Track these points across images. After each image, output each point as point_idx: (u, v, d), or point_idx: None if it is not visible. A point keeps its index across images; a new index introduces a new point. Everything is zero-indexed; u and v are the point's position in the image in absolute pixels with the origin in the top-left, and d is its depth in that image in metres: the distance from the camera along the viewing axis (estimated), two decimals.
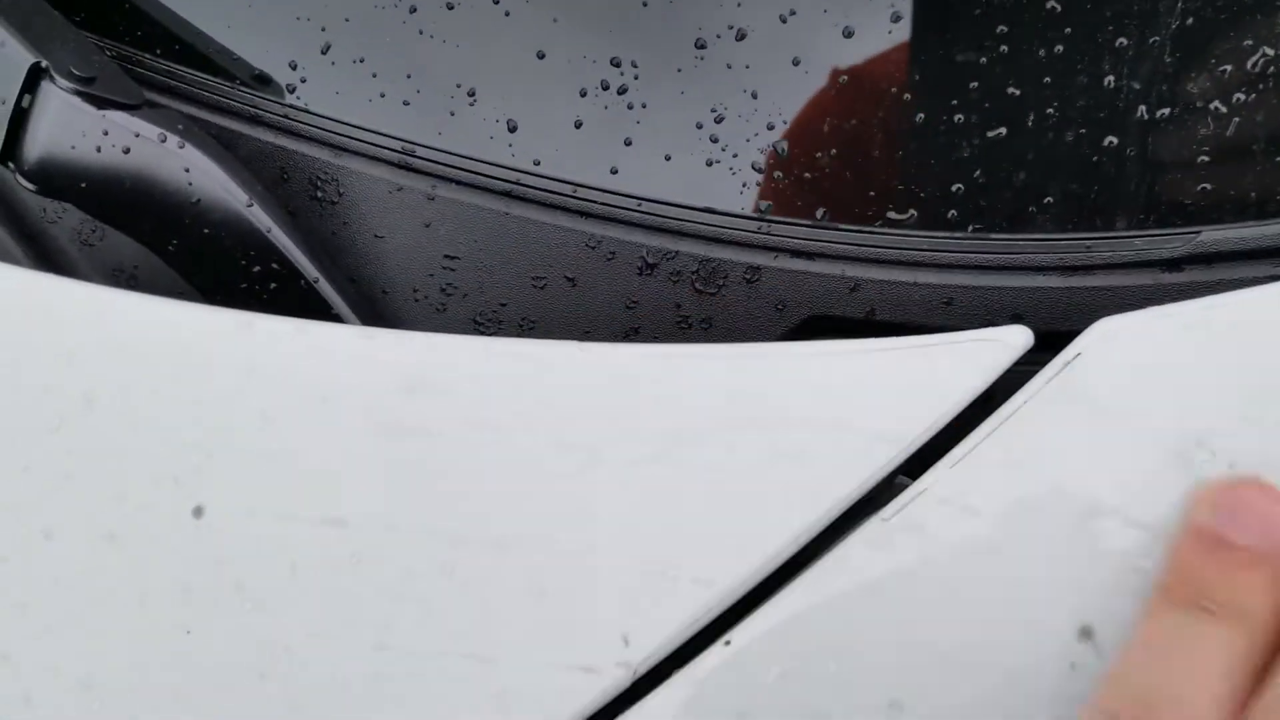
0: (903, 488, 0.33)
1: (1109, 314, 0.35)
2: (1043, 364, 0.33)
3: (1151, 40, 0.38)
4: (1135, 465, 0.32)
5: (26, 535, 0.35)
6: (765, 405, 0.33)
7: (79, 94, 0.40)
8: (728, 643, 0.31)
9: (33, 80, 0.40)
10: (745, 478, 0.32)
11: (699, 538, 0.32)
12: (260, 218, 0.40)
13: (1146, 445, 0.32)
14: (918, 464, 0.33)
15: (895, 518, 0.32)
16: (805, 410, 0.33)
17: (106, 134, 0.40)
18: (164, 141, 0.40)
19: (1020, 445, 0.32)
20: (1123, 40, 0.38)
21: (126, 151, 0.40)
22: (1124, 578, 0.31)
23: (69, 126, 0.40)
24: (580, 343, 0.34)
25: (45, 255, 0.44)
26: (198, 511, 0.34)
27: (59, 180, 0.40)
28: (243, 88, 0.44)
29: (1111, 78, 0.38)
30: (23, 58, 0.40)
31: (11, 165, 0.41)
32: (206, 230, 0.40)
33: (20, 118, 0.40)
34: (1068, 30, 0.38)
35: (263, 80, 0.44)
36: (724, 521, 0.32)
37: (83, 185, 0.40)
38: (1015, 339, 0.33)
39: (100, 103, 0.40)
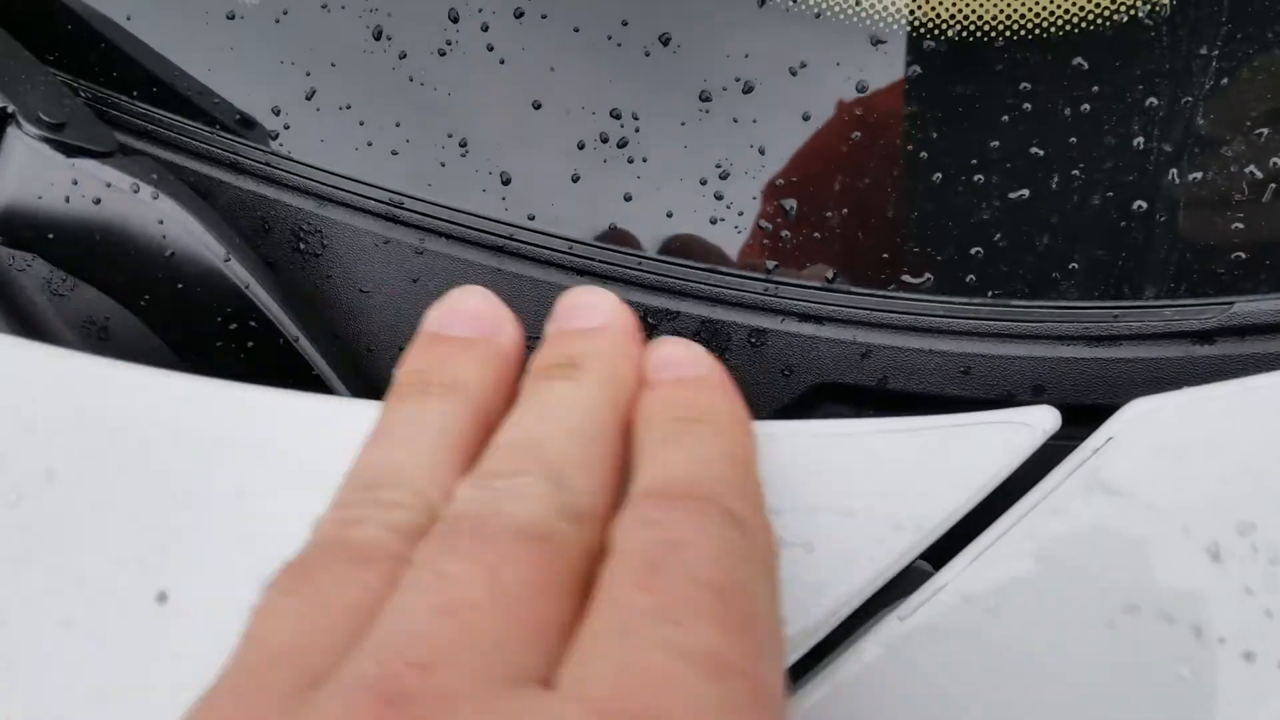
0: (922, 574, 0.31)
1: (1136, 387, 0.33)
2: (1067, 439, 0.31)
3: (1184, 100, 0.36)
4: (1172, 560, 0.29)
5: None
6: (771, 490, 0.31)
7: (47, 141, 0.37)
8: None
9: None
10: None
11: None
12: (238, 272, 0.38)
13: (1183, 538, 0.29)
14: (935, 553, 0.31)
15: (912, 617, 0.30)
16: (815, 496, 0.31)
17: (76, 183, 0.38)
18: (137, 192, 0.37)
19: (1046, 538, 0.30)
20: (1153, 100, 0.36)
21: (97, 202, 0.38)
22: (1162, 685, 0.29)
23: (36, 175, 0.38)
24: None
25: (12, 306, 0.42)
26: (162, 597, 0.32)
27: (25, 232, 0.38)
28: (223, 133, 0.42)
29: (1141, 139, 0.36)
30: None
31: None
32: (181, 285, 0.38)
33: None
34: (1095, 88, 0.36)
35: (247, 124, 0.42)
36: None
37: (50, 237, 0.38)
38: (1041, 421, 0.31)
39: (70, 150, 0.38)
